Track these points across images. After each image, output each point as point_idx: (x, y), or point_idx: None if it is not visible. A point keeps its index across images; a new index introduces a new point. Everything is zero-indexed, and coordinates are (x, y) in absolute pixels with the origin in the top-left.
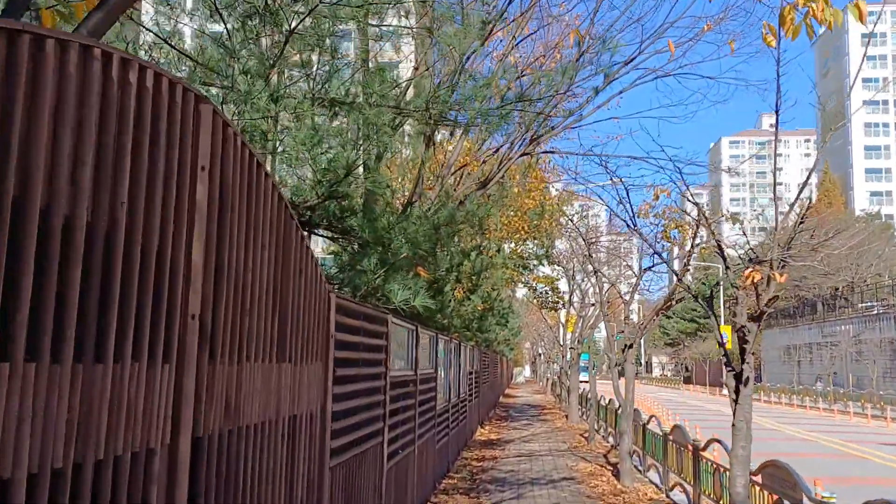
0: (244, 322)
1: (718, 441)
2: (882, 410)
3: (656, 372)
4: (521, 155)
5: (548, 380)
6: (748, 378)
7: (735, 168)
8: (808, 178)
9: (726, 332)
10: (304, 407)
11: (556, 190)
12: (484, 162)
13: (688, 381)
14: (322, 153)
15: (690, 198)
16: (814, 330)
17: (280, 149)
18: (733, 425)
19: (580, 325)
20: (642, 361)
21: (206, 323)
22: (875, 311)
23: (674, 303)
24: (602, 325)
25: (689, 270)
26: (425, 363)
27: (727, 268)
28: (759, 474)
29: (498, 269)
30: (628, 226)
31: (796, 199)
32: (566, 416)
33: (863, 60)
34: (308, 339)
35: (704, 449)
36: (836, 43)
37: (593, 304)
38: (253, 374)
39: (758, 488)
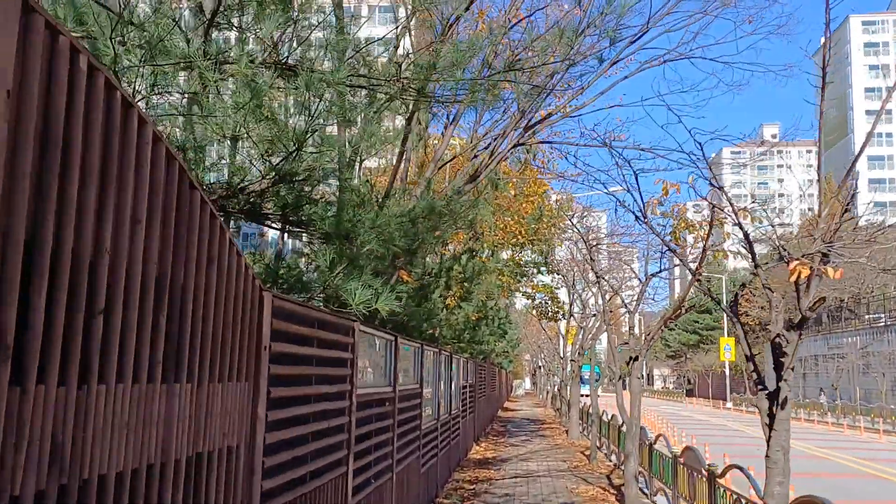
0: (94, 326)
1: (739, 469)
2: (894, 426)
3: (658, 384)
4: (516, 145)
5: (548, 392)
6: (786, 399)
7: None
8: (854, 162)
9: (729, 343)
10: (217, 441)
11: (556, 194)
12: (476, 156)
13: (690, 393)
14: (264, 119)
15: (714, 183)
16: (819, 342)
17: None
18: (767, 456)
19: (581, 336)
20: (643, 374)
21: (4, 325)
22: (883, 323)
23: (683, 311)
24: (604, 336)
25: (700, 276)
26: (408, 378)
27: (756, 265)
28: None
29: (492, 275)
30: (637, 217)
31: (841, 184)
32: (566, 432)
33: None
34: (224, 352)
35: (722, 476)
36: (836, 52)
37: (594, 315)
38: (114, 402)
39: None
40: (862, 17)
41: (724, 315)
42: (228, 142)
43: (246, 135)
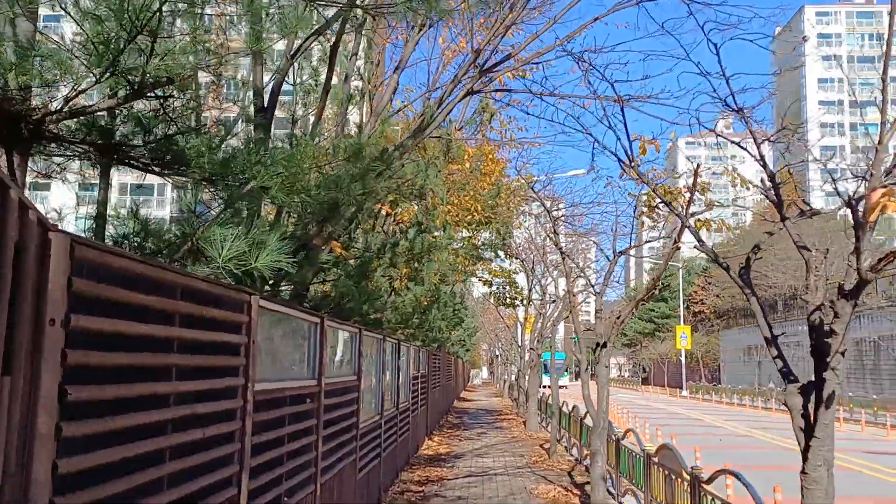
0: None
1: (734, 475)
2: (850, 413)
3: (613, 373)
4: (469, 93)
5: (505, 382)
6: (832, 396)
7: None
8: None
9: (685, 331)
10: None
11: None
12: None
13: (645, 381)
14: None
15: (733, 103)
16: (775, 329)
17: None
18: (804, 472)
19: (540, 323)
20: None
21: None
22: None
23: (657, 291)
24: (561, 325)
25: (679, 248)
26: (342, 369)
27: (784, 218)
28: None
29: (444, 252)
30: (622, 162)
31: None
32: (524, 423)
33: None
34: None
35: (709, 482)
36: (791, 42)
37: (554, 301)
38: None
39: None
40: (816, 8)
41: (680, 303)
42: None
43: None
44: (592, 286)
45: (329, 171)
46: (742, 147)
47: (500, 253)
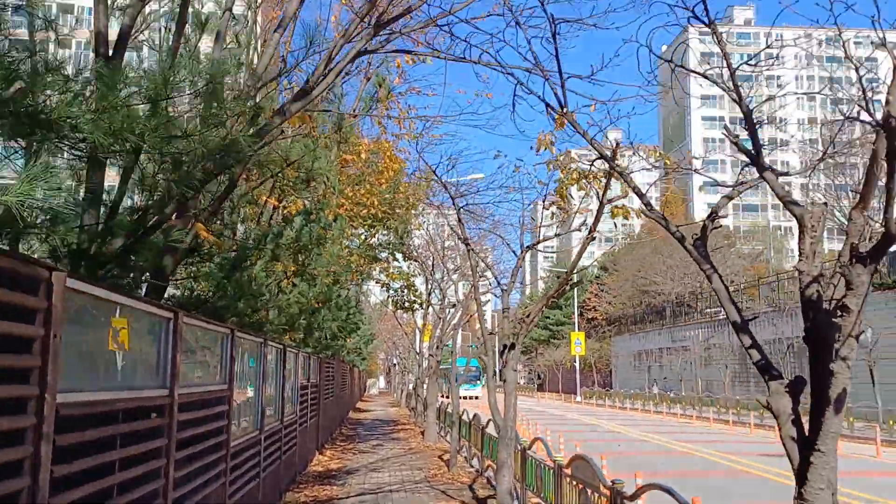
0: None
1: (667, 491)
2: (738, 415)
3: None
4: (360, 54)
5: (402, 391)
6: (842, 396)
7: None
8: None
9: (579, 338)
10: None
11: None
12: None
13: (540, 388)
14: None
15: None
16: (663, 335)
17: None
18: (801, 499)
19: (440, 328)
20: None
21: None
22: (722, 317)
23: (568, 287)
24: (459, 332)
25: (594, 238)
26: (205, 376)
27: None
28: None
29: (335, 246)
30: (552, 110)
31: None
32: (422, 433)
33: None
34: None
35: (633, 498)
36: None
37: (454, 305)
38: None
39: None
40: (700, 28)
41: (575, 310)
42: None
43: None
44: (499, 283)
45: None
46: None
47: (399, 255)
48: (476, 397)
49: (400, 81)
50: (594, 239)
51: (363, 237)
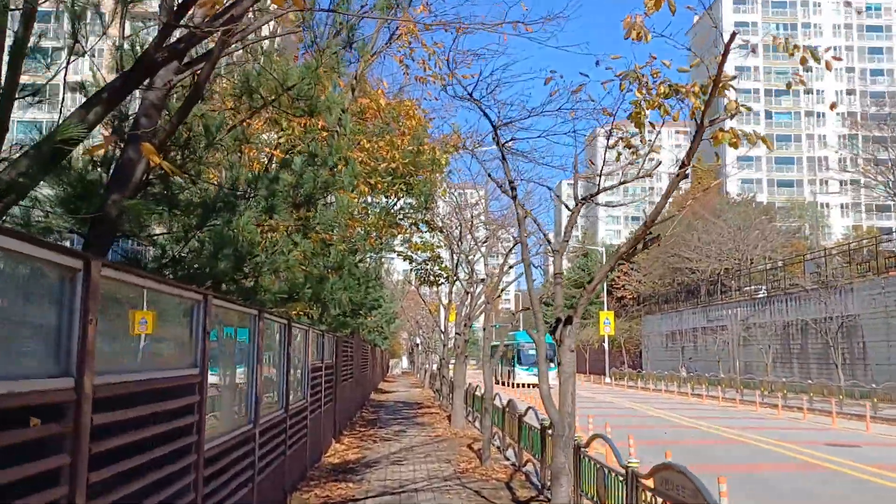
0: None
1: None
2: (785, 399)
3: None
4: None
5: (426, 371)
6: None
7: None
8: None
9: (608, 317)
10: None
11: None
12: None
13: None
14: None
15: None
16: (698, 314)
17: None
18: None
19: (468, 303)
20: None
21: None
22: (762, 295)
23: (642, 245)
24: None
25: (687, 175)
26: (158, 357)
27: None
28: None
29: (347, 192)
30: None
31: None
32: (448, 419)
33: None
34: None
35: None
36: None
37: (482, 280)
38: None
39: None
40: None
41: (604, 289)
42: None
43: None
44: (549, 242)
45: None
46: None
47: (422, 226)
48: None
49: (425, 10)
50: (686, 177)
51: (383, 200)
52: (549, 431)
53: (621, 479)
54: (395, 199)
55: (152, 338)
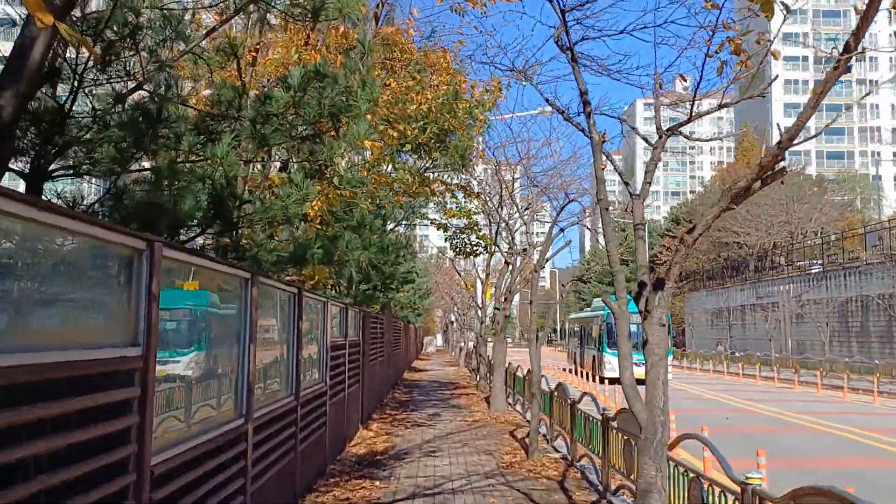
0: None
1: None
2: (848, 380)
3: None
4: None
5: (461, 349)
6: None
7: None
8: None
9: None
10: None
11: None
12: None
13: None
14: None
15: None
16: (746, 291)
17: None
18: None
19: (508, 276)
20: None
21: None
22: (816, 270)
23: (768, 177)
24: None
25: (849, 68)
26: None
27: None
28: None
29: (361, 122)
30: None
31: None
32: (486, 401)
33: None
34: None
35: None
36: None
37: (524, 249)
38: None
39: None
40: None
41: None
42: None
43: None
44: (627, 184)
45: None
46: None
47: (458, 193)
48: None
49: None
50: (847, 70)
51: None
52: (614, 423)
53: (735, 501)
54: (427, 158)
55: (62, 303)
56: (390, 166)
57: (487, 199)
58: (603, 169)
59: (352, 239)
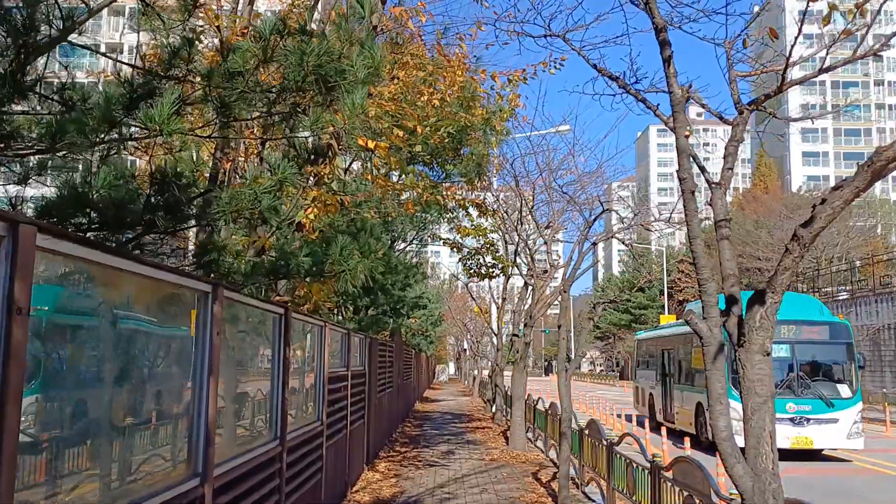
0: None
1: None
2: (886, 413)
3: (585, 368)
4: None
5: (474, 379)
6: None
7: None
8: None
9: (670, 322)
10: None
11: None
12: None
13: (621, 376)
14: None
15: None
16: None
17: None
18: None
19: (529, 297)
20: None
21: None
22: (844, 296)
23: None
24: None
25: None
26: None
27: None
28: None
29: (359, 89)
30: None
31: None
32: (504, 436)
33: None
34: None
35: None
36: (772, 22)
37: (545, 271)
38: None
39: None
40: None
41: (665, 290)
42: None
43: None
44: (703, 171)
45: None
46: None
47: (472, 209)
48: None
49: None
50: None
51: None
52: (667, 475)
53: None
54: (440, 169)
55: None
56: (399, 173)
57: (505, 216)
58: (687, 136)
59: (347, 244)
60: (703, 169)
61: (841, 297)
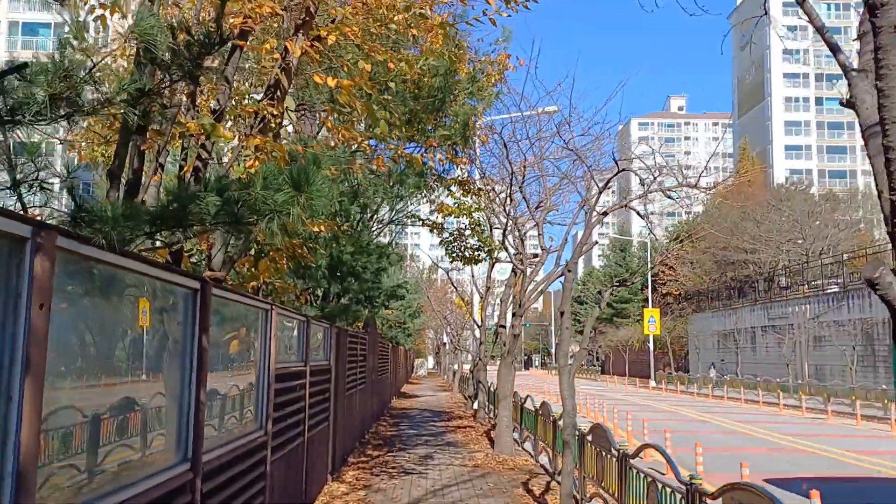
0: None
1: None
2: (893, 411)
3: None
4: None
5: (454, 373)
6: None
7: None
8: None
9: (654, 315)
10: None
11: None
12: None
13: (603, 370)
14: None
15: None
16: (757, 312)
17: None
18: None
19: (522, 285)
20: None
21: None
22: (835, 289)
23: None
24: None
25: None
26: None
27: None
28: None
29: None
30: None
31: None
32: (488, 436)
33: None
34: None
35: None
36: (755, 13)
37: (536, 255)
38: None
39: None
40: None
41: (648, 284)
42: None
43: None
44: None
45: None
46: None
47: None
48: None
49: None
50: None
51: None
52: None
53: None
54: (420, 133)
55: None
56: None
57: (492, 193)
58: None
59: (272, 172)
60: (835, 49)
61: (831, 291)
